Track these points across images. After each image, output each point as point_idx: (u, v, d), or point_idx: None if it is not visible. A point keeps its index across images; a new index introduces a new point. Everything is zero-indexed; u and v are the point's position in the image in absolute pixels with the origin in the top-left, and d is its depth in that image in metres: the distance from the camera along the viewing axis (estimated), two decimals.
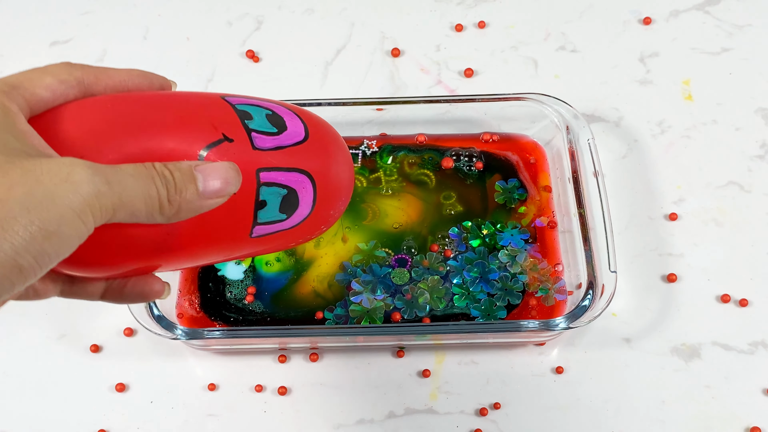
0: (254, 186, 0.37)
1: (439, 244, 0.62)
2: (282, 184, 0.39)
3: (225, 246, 0.38)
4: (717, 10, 0.74)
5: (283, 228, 0.40)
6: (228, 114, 0.37)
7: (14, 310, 0.61)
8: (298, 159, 0.40)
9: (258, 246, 0.40)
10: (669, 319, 0.60)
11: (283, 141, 0.39)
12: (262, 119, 0.39)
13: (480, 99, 0.64)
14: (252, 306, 0.60)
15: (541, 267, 0.60)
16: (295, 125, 0.41)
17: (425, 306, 0.59)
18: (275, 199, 0.38)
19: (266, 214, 0.38)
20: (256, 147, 0.37)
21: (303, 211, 0.41)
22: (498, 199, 0.64)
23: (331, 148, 0.43)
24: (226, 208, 0.36)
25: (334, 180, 0.43)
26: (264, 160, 0.38)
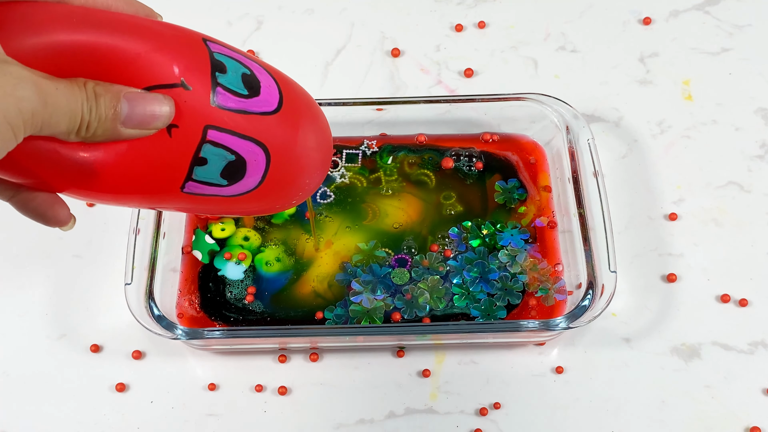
0: (197, 140, 0.35)
1: (439, 244, 0.62)
2: (230, 149, 0.37)
3: (152, 190, 0.37)
4: (717, 10, 0.74)
5: (221, 194, 0.38)
6: (200, 59, 0.35)
7: (14, 310, 0.61)
8: (258, 129, 0.38)
9: (189, 203, 0.38)
10: (669, 319, 0.60)
11: (250, 106, 0.37)
12: (236, 77, 0.37)
13: (480, 99, 0.64)
14: (252, 306, 0.60)
15: (541, 267, 0.60)
16: (271, 94, 0.39)
17: (425, 306, 0.59)
18: (218, 161, 0.37)
19: (204, 173, 0.37)
20: (216, 103, 0.36)
21: (248, 183, 0.39)
22: (498, 199, 0.64)
23: (302, 128, 0.41)
24: (159, 150, 0.35)
25: (297, 161, 0.41)
26: (218, 118, 0.36)
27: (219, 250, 0.62)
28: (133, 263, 0.57)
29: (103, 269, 0.62)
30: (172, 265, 0.61)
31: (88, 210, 0.66)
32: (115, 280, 0.59)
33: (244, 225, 0.63)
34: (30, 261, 0.63)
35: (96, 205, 0.66)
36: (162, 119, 0.34)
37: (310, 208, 0.62)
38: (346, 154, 0.67)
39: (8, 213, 0.66)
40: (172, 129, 0.35)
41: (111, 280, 0.61)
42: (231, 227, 0.63)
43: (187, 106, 0.35)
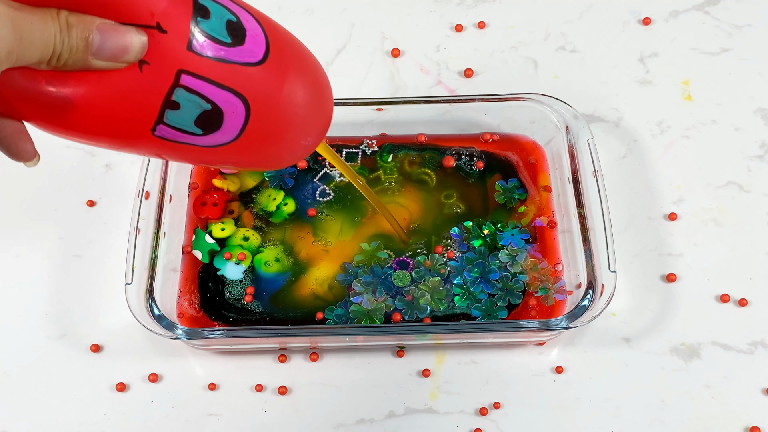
0: (168, 82, 0.35)
1: (443, 245, 0.62)
2: (206, 97, 0.36)
3: (122, 129, 0.36)
4: (716, 11, 0.74)
5: (195, 143, 0.37)
6: (182, 3, 0.35)
7: (14, 310, 0.61)
8: (239, 80, 0.37)
9: (161, 148, 0.37)
10: (668, 318, 0.60)
11: (231, 56, 0.36)
12: (220, 24, 0.36)
13: (480, 99, 0.65)
14: (251, 306, 0.60)
15: (541, 267, 0.60)
16: (256, 44, 0.38)
17: (426, 307, 0.59)
18: (192, 108, 0.36)
19: (177, 118, 0.36)
20: (192, 49, 0.35)
21: (225, 135, 0.38)
22: (498, 199, 0.64)
23: (289, 82, 0.39)
24: (129, 86, 0.34)
25: (282, 116, 0.39)
26: (194, 64, 0.35)
27: (219, 250, 0.62)
28: (133, 263, 0.57)
29: (103, 269, 0.62)
30: (172, 265, 0.61)
31: (88, 210, 0.66)
32: (115, 280, 0.59)
33: (243, 225, 0.63)
34: (30, 260, 0.63)
35: (96, 205, 0.66)
36: (133, 53, 0.34)
37: (377, 202, 0.58)
38: (346, 153, 0.67)
39: (8, 213, 0.66)
40: (144, 66, 0.34)
41: (111, 280, 0.61)
42: (231, 227, 0.63)
43: (161, 47, 0.34)
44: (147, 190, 0.60)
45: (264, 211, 0.64)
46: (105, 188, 0.67)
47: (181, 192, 0.64)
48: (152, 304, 0.56)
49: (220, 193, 0.64)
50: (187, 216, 0.64)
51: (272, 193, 0.65)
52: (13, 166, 0.68)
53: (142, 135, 0.36)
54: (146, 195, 0.59)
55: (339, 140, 0.67)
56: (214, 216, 0.64)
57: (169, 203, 0.62)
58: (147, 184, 0.60)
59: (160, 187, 0.61)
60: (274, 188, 0.65)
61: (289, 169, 0.65)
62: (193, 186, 0.65)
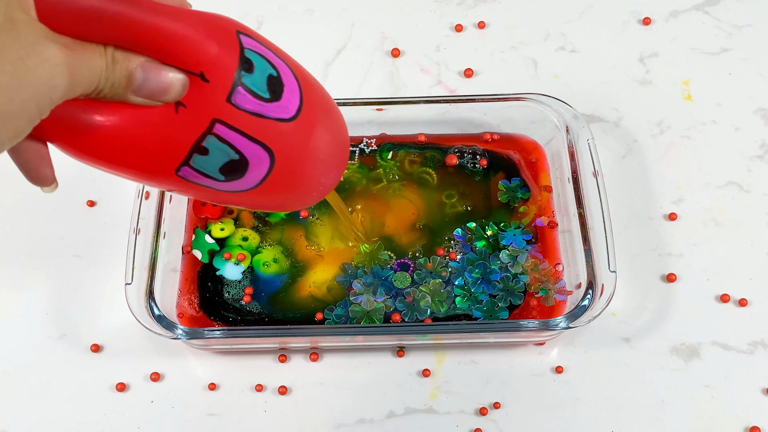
0: (202, 128, 0.35)
1: (445, 248, 0.61)
2: (235, 148, 0.36)
3: (146, 163, 0.36)
4: (716, 11, 0.74)
5: (214, 187, 0.38)
6: (229, 55, 0.35)
7: (14, 310, 0.61)
8: (270, 135, 0.37)
9: (180, 186, 0.38)
10: (668, 318, 0.60)
11: (267, 111, 0.37)
12: (261, 79, 0.36)
13: (480, 99, 0.64)
14: (249, 306, 0.60)
15: (542, 267, 0.60)
16: (291, 100, 0.38)
17: (426, 309, 0.59)
18: (220, 156, 0.36)
19: (204, 163, 0.36)
20: (231, 101, 0.35)
21: (246, 182, 0.38)
22: (501, 198, 0.64)
23: (315, 137, 0.40)
24: (162, 123, 0.34)
25: (301, 168, 0.40)
26: (230, 116, 0.35)
27: (219, 250, 0.62)
28: (133, 263, 0.57)
29: (103, 269, 0.62)
30: (172, 265, 0.61)
31: (88, 210, 0.66)
32: (115, 280, 0.59)
33: (243, 225, 0.63)
34: (30, 261, 0.63)
35: (96, 205, 0.66)
36: (172, 94, 0.34)
37: (342, 212, 0.59)
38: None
39: (8, 213, 0.66)
40: (180, 107, 0.34)
41: (111, 280, 0.61)
42: (230, 227, 0.63)
43: (201, 94, 0.34)
44: (147, 190, 0.60)
45: (262, 211, 0.64)
46: (105, 188, 0.67)
47: None
48: (152, 304, 0.56)
49: None
50: (187, 216, 0.64)
51: None
52: (14, 167, 0.68)
53: (166, 173, 0.36)
54: (146, 195, 0.59)
55: None
56: (214, 216, 0.64)
57: (169, 203, 0.62)
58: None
59: None
60: None
61: None
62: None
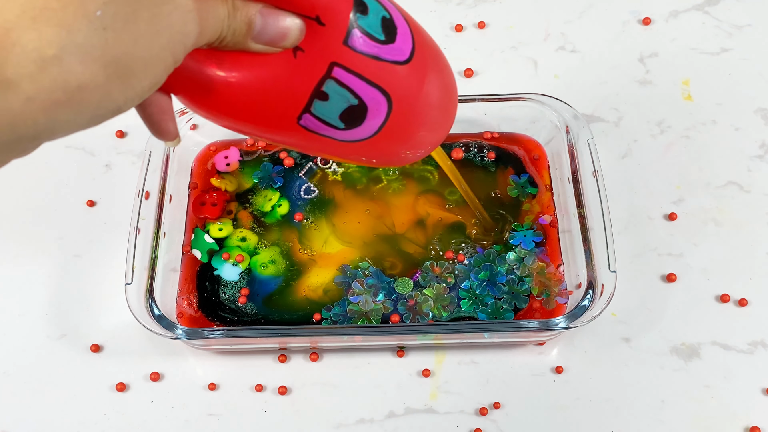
0: (321, 73, 0.35)
1: (454, 250, 0.61)
2: (355, 92, 0.36)
3: (270, 113, 0.36)
4: (716, 11, 0.74)
5: (335, 137, 0.38)
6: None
7: (14, 310, 0.61)
8: (387, 78, 0.37)
9: (302, 138, 0.37)
10: (668, 318, 0.60)
11: (383, 53, 0.37)
12: (376, 20, 0.36)
13: (480, 99, 0.64)
14: (245, 308, 0.60)
15: (548, 271, 0.60)
16: (405, 42, 0.38)
17: (428, 314, 0.58)
18: (340, 101, 0.36)
19: (324, 109, 0.36)
20: (348, 44, 0.35)
21: (365, 130, 0.38)
22: (511, 193, 0.64)
23: (427, 83, 0.40)
24: (282, 71, 0.35)
25: (417, 115, 0.40)
26: (348, 59, 0.35)
27: (218, 250, 0.62)
28: (133, 263, 0.57)
29: (103, 269, 0.62)
30: (172, 264, 0.61)
31: (88, 210, 0.66)
32: (115, 280, 0.59)
33: (241, 226, 0.63)
34: (30, 261, 0.63)
35: (96, 205, 0.66)
36: (291, 39, 0.34)
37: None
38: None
39: (8, 213, 0.66)
40: (298, 53, 0.35)
41: (111, 280, 0.61)
42: (228, 227, 0.63)
43: (318, 38, 0.35)
44: (147, 190, 0.60)
45: (260, 212, 0.64)
46: (105, 188, 0.67)
47: (181, 192, 0.64)
48: (152, 304, 0.56)
49: (219, 193, 0.64)
50: (186, 216, 0.64)
51: (268, 194, 0.64)
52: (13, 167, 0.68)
53: (288, 122, 0.37)
54: (146, 195, 0.59)
55: None
56: (213, 216, 0.64)
57: (169, 203, 0.62)
58: (147, 184, 0.60)
59: (160, 187, 0.61)
60: (269, 189, 0.65)
61: (276, 167, 0.65)
62: (192, 186, 0.65)
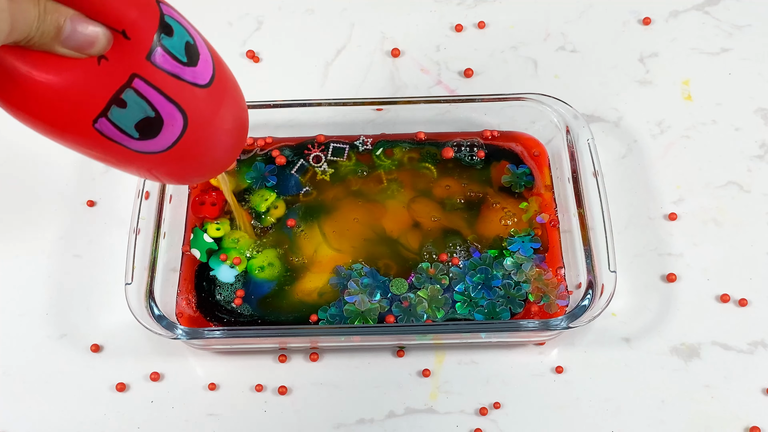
0: (121, 81, 0.37)
1: (449, 253, 0.61)
2: (152, 105, 0.38)
3: (66, 114, 0.37)
4: (716, 11, 0.74)
5: (128, 145, 0.39)
6: (149, 18, 0.37)
7: (14, 310, 0.61)
8: (185, 97, 0.39)
9: (94, 143, 0.39)
10: (668, 318, 0.60)
11: (183, 73, 0.39)
12: (180, 43, 0.39)
13: (480, 99, 0.65)
14: (240, 309, 0.60)
15: (545, 278, 0.60)
16: (206, 68, 0.41)
17: (422, 315, 0.58)
18: (137, 111, 0.38)
19: (121, 116, 0.38)
20: (150, 59, 0.37)
21: (158, 144, 0.40)
22: (505, 181, 0.64)
23: (223, 109, 0.42)
24: (83, 73, 0.36)
25: (209, 138, 0.42)
26: (149, 73, 0.37)
27: (217, 250, 0.62)
28: (133, 263, 0.57)
29: (103, 269, 0.62)
30: (172, 264, 0.61)
31: (88, 210, 0.66)
32: (115, 280, 0.59)
33: (238, 227, 0.63)
34: (30, 261, 0.63)
35: (96, 205, 0.66)
36: (97, 48, 0.36)
37: (232, 201, 0.61)
38: (333, 147, 0.66)
39: (8, 213, 0.66)
40: (102, 60, 0.37)
41: (111, 280, 0.61)
42: (226, 227, 0.63)
43: (122, 50, 0.37)
44: (147, 190, 0.60)
45: (255, 212, 0.64)
46: (105, 188, 0.67)
47: (181, 192, 0.64)
48: (152, 304, 0.56)
49: (218, 193, 0.64)
50: (186, 216, 0.64)
51: (265, 193, 0.64)
52: (14, 167, 0.68)
53: (83, 124, 0.38)
54: (146, 195, 0.59)
55: (336, 138, 0.67)
56: (212, 215, 0.64)
57: (169, 203, 0.62)
58: (147, 184, 0.60)
59: (160, 187, 0.61)
60: (264, 188, 0.65)
61: (268, 166, 0.65)
62: (192, 186, 0.65)
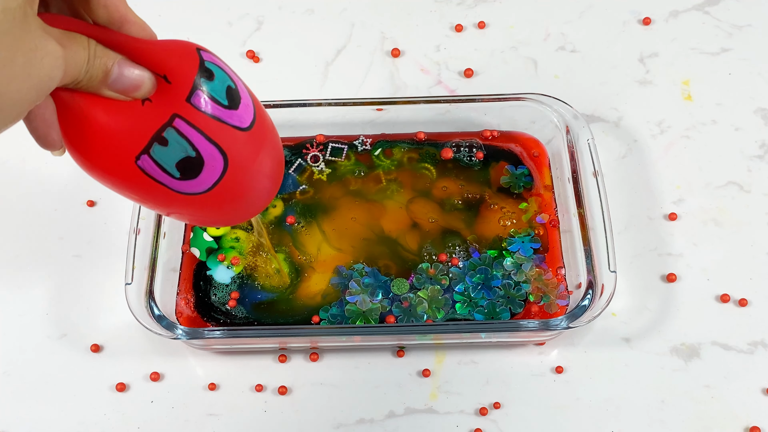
0: (162, 120, 0.38)
1: (448, 253, 0.61)
2: (192, 144, 0.39)
3: (109, 151, 0.39)
4: (716, 11, 0.74)
5: (169, 185, 0.40)
6: (189, 63, 0.39)
7: (14, 310, 0.61)
8: (225, 139, 0.40)
9: (137, 181, 0.40)
10: (668, 318, 0.60)
11: (225, 116, 0.40)
12: (221, 87, 0.40)
13: (480, 99, 0.65)
14: (234, 311, 0.60)
15: (545, 278, 0.60)
16: (247, 112, 0.42)
17: (423, 316, 0.58)
18: (178, 150, 0.39)
19: (162, 154, 0.39)
20: (190, 101, 0.39)
21: (199, 184, 0.41)
22: (504, 182, 0.64)
23: (263, 154, 0.44)
24: (126, 116, 0.38)
25: (249, 181, 0.43)
26: (188, 113, 0.39)
27: (217, 249, 0.62)
28: (133, 263, 0.57)
29: (103, 269, 0.62)
30: (172, 264, 0.61)
31: (88, 210, 0.66)
32: (115, 280, 0.59)
33: (237, 226, 0.63)
34: (30, 261, 0.63)
35: (96, 205, 0.66)
36: (142, 92, 0.37)
37: (267, 241, 0.62)
38: (332, 147, 0.66)
39: (8, 213, 0.66)
40: (146, 101, 0.38)
41: (111, 280, 0.61)
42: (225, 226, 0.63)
43: (164, 92, 0.38)
44: None
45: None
46: (105, 188, 0.66)
47: None
48: (152, 304, 0.56)
49: None
50: None
51: None
52: (14, 167, 0.68)
53: (127, 161, 0.39)
54: None
55: (336, 138, 0.67)
56: None
57: None
58: None
59: None
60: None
61: None
62: None
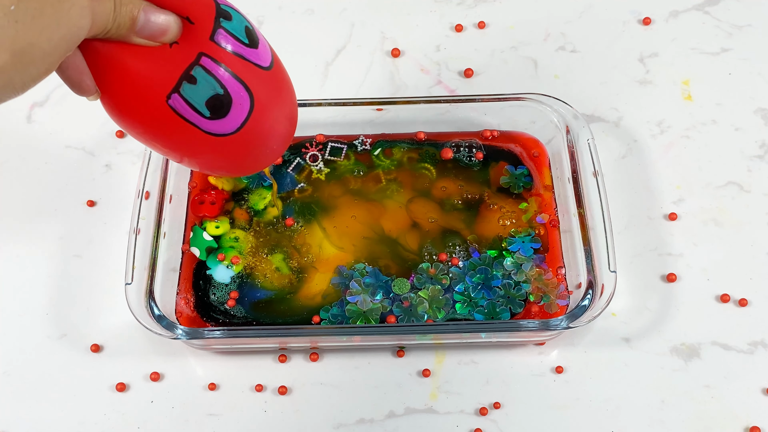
0: (190, 60, 0.39)
1: (448, 253, 0.61)
2: (220, 82, 0.40)
3: (141, 90, 0.40)
4: (716, 11, 0.74)
5: (199, 125, 0.41)
6: (207, 5, 0.40)
7: (14, 310, 0.61)
8: (250, 77, 0.41)
9: (169, 122, 0.41)
10: (668, 318, 0.60)
11: (247, 54, 0.41)
12: (239, 26, 0.41)
13: (480, 99, 0.65)
14: (234, 311, 0.60)
15: (546, 278, 0.60)
16: (266, 52, 0.43)
17: (423, 315, 0.58)
18: (207, 87, 0.40)
19: (192, 92, 0.40)
20: (214, 39, 0.39)
21: (228, 124, 0.42)
22: (503, 182, 0.64)
23: (283, 95, 0.44)
24: (157, 54, 0.39)
25: (273, 122, 0.44)
26: (214, 51, 0.40)
27: (216, 248, 0.62)
28: (133, 263, 0.57)
29: (103, 269, 0.62)
30: (172, 264, 0.61)
31: (88, 210, 0.66)
32: (115, 280, 0.59)
33: (237, 225, 0.63)
34: (30, 261, 0.63)
35: (96, 205, 0.66)
36: (170, 35, 0.38)
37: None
38: (331, 146, 0.66)
39: (8, 213, 0.66)
40: (173, 44, 0.39)
41: (111, 280, 0.61)
42: (225, 225, 0.63)
43: (188, 33, 0.39)
44: (147, 190, 0.60)
45: (253, 210, 0.64)
46: (105, 188, 0.67)
47: (181, 192, 0.64)
48: (152, 304, 0.56)
49: (217, 192, 0.64)
50: (186, 216, 0.64)
51: (263, 192, 0.64)
52: (14, 167, 0.68)
53: (158, 101, 0.40)
54: (146, 195, 0.59)
55: (336, 138, 0.67)
56: (212, 214, 0.64)
57: (169, 203, 0.62)
58: (147, 184, 0.60)
59: (160, 187, 0.61)
60: (264, 187, 0.65)
61: None
62: (192, 185, 0.65)
